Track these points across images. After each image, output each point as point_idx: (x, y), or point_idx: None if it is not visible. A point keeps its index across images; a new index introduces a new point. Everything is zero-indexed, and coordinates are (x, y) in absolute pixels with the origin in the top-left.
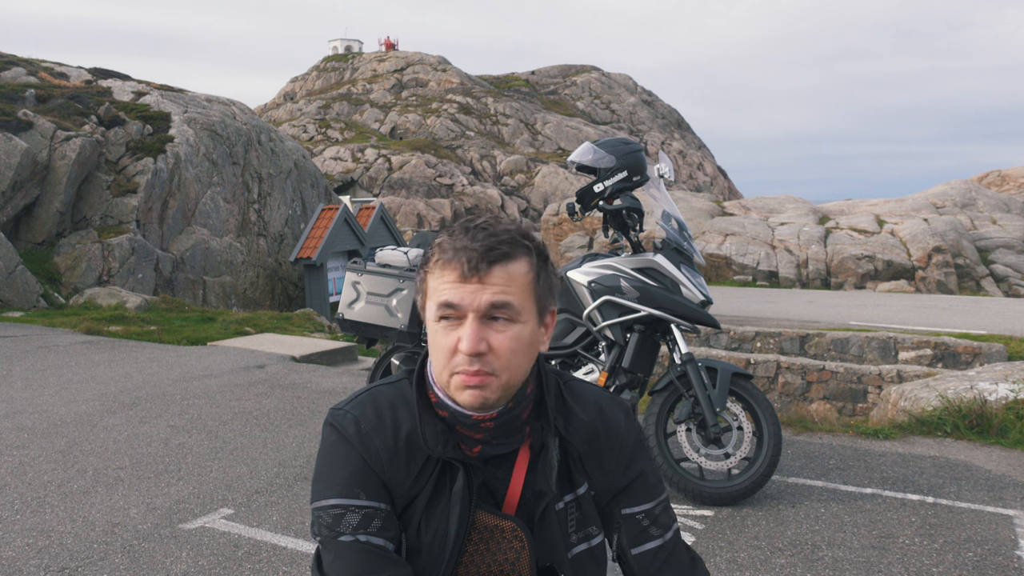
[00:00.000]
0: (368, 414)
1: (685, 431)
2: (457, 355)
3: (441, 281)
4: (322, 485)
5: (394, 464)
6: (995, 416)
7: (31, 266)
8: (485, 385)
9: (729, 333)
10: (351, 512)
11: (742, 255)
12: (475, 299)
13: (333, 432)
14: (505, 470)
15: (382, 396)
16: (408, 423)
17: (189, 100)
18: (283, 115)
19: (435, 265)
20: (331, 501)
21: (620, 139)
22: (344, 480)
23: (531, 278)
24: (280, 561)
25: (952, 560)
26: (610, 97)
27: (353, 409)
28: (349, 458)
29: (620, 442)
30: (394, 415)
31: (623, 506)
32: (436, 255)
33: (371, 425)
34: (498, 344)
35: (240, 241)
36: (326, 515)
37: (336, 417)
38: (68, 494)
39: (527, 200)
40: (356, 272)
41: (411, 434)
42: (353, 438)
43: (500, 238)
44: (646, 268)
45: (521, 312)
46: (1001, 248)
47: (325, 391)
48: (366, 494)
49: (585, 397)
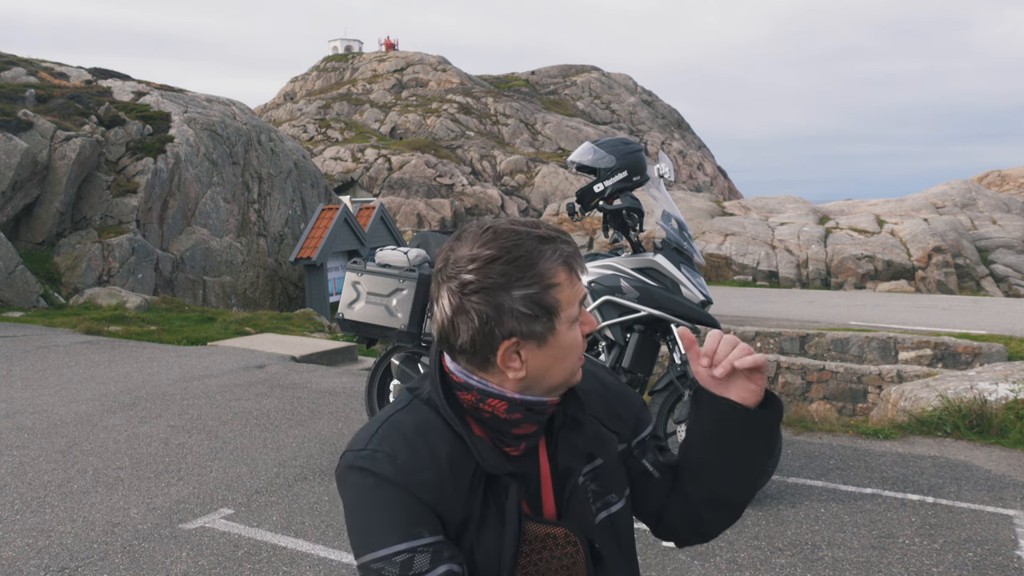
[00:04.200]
0: (399, 448)
1: (685, 431)
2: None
3: (574, 288)
4: (372, 535)
5: (444, 491)
6: (995, 416)
7: (31, 266)
8: None
9: (729, 333)
10: (420, 553)
11: (742, 255)
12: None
13: (365, 476)
14: (534, 472)
15: (403, 425)
16: (445, 445)
17: (189, 100)
18: (283, 115)
19: (569, 275)
20: (393, 549)
21: (620, 139)
22: (400, 523)
23: None
24: (280, 561)
25: (952, 560)
26: (610, 97)
27: (380, 446)
28: (397, 497)
29: (622, 392)
30: (427, 442)
31: (635, 438)
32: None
33: (408, 458)
34: None
35: (240, 241)
36: (391, 565)
37: (363, 460)
38: (68, 494)
39: (527, 200)
40: (356, 272)
41: (452, 456)
42: (392, 476)
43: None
44: (646, 268)
45: None
46: (1001, 248)
47: (325, 391)
48: (428, 531)
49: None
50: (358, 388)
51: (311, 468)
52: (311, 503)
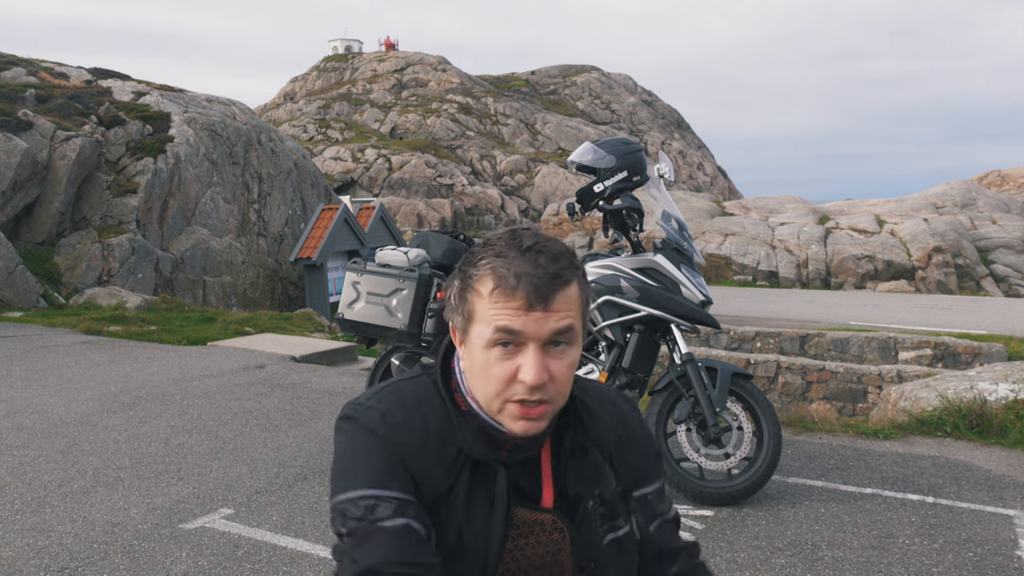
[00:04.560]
0: (394, 408)
1: (685, 431)
2: (515, 384)
3: (501, 307)
4: (346, 478)
5: (425, 458)
6: (995, 416)
7: (31, 266)
8: (542, 416)
9: (729, 333)
10: (384, 502)
11: (742, 255)
12: (540, 327)
13: (356, 426)
14: (530, 471)
15: (405, 392)
16: (436, 419)
17: (189, 100)
18: (283, 115)
19: (492, 292)
20: (360, 492)
21: (620, 139)
22: (373, 471)
23: (582, 300)
24: (280, 561)
25: (952, 560)
26: (610, 97)
27: (377, 403)
28: (378, 449)
29: (640, 438)
30: (421, 410)
31: (635, 490)
32: (492, 281)
33: (398, 418)
34: (557, 371)
35: (240, 241)
36: (355, 506)
37: (357, 411)
38: (68, 494)
39: (527, 200)
40: (356, 272)
41: (441, 430)
42: (380, 430)
43: (560, 264)
44: (646, 268)
45: (577, 335)
46: (1001, 248)
47: (325, 391)
48: (397, 485)
49: (600, 397)
50: (358, 388)
51: (311, 468)
52: (311, 503)
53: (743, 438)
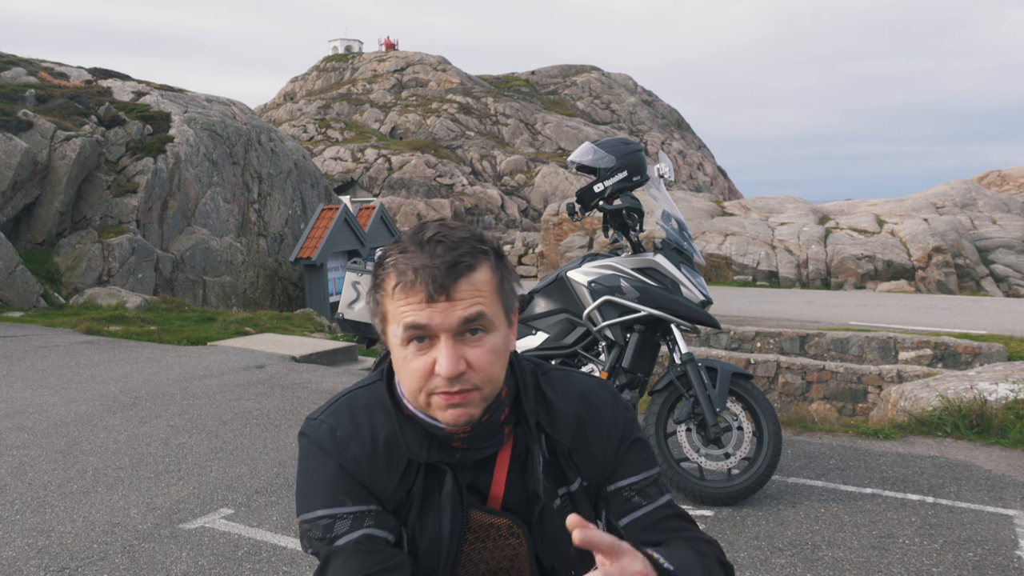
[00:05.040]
0: (344, 421)
1: (685, 431)
2: (434, 377)
3: (404, 304)
4: (305, 497)
5: (374, 470)
6: (995, 416)
7: (31, 266)
8: (468, 402)
9: (729, 333)
10: (340, 520)
11: (742, 255)
12: (446, 318)
13: (309, 443)
14: (488, 472)
15: (358, 401)
16: (386, 428)
17: (189, 100)
18: (283, 115)
19: (395, 288)
20: (318, 512)
21: (620, 139)
22: (327, 489)
23: (495, 283)
24: (280, 561)
25: (952, 560)
26: (610, 97)
27: (328, 418)
28: (328, 467)
29: (607, 429)
30: (371, 421)
31: (609, 484)
32: (394, 277)
33: (347, 433)
34: (475, 358)
35: (240, 241)
36: (315, 527)
37: (310, 428)
38: (68, 494)
39: (527, 200)
40: (356, 272)
41: (390, 439)
42: (329, 447)
43: (460, 250)
44: (646, 268)
45: (492, 320)
46: (1001, 248)
47: (325, 391)
48: (352, 500)
49: (568, 387)
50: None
51: None
52: None
53: (743, 438)
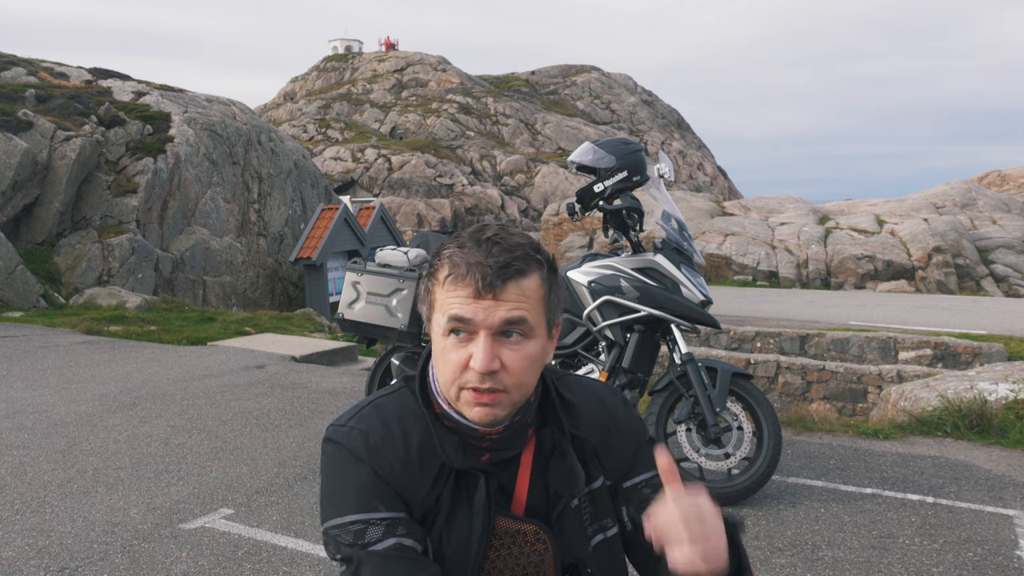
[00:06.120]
0: (375, 427)
1: (685, 431)
2: (468, 371)
3: (452, 295)
4: (335, 503)
5: (408, 475)
6: (995, 416)
7: (31, 266)
8: (496, 403)
9: (729, 333)
10: (373, 525)
11: (742, 255)
12: (489, 316)
13: (339, 449)
14: (511, 472)
15: (386, 408)
16: (418, 433)
17: (189, 100)
18: (283, 115)
19: (446, 279)
20: (349, 518)
21: (620, 139)
22: (359, 495)
23: (543, 293)
24: (280, 561)
25: (952, 560)
26: (610, 97)
27: (358, 423)
28: (360, 473)
29: (627, 430)
30: (402, 426)
31: (626, 480)
32: (447, 269)
33: (380, 438)
34: (510, 361)
35: (240, 241)
36: (345, 532)
37: (339, 434)
38: (68, 494)
39: (527, 200)
40: (356, 272)
41: (422, 444)
42: (362, 452)
43: (515, 254)
44: (646, 268)
45: (534, 328)
46: (1001, 248)
47: (325, 391)
48: (385, 506)
49: (584, 391)
50: (358, 388)
51: (311, 468)
52: (311, 503)
53: (743, 438)
